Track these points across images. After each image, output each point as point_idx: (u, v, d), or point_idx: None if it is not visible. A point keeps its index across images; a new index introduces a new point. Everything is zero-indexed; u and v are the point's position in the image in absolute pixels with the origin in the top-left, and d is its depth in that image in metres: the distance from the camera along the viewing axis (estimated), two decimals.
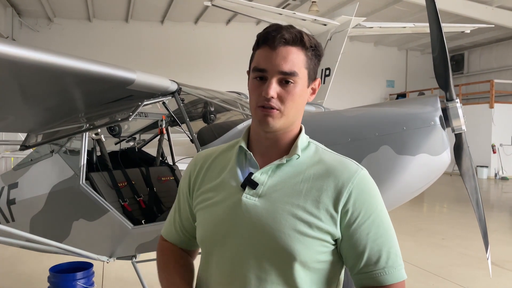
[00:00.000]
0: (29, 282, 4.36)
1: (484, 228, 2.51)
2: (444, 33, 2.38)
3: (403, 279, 1.14)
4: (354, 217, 1.12)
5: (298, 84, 1.12)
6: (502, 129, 15.30)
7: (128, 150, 3.69)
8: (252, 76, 1.16)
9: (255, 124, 1.19)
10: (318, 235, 1.10)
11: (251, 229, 1.12)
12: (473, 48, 19.47)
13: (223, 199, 1.18)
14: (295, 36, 1.12)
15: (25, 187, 3.27)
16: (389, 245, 1.14)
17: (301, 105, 1.17)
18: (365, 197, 1.14)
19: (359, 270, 1.13)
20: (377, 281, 1.12)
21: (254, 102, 1.15)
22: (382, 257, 1.12)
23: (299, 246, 1.09)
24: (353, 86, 18.70)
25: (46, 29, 15.75)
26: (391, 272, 1.12)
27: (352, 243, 1.12)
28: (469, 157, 2.45)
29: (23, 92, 2.39)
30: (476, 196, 2.47)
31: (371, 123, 2.40)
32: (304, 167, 1.17)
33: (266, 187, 1.15)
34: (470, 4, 13.75)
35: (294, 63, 1.11)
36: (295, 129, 1.21)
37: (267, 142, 1.19)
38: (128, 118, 2.54)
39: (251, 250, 1.12)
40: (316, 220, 1.10)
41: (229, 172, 1.21)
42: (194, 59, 16.85)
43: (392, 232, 1.16)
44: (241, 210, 1.14)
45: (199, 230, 1.23)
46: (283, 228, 1.09)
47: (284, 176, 1.16)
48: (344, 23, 8.07)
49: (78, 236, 2.98)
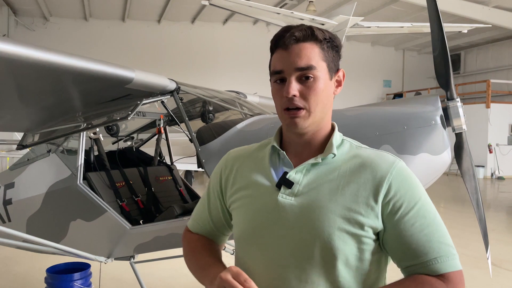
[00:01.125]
0: (26, 283, 4.33)
1: (484, 228, 2.50)
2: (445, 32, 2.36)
3: (459, 269, 1.08)
4: (396, 208, 1.08)
5: (319, 78, 1.10)
6: (499, 129, 15.36)
7: (126, 150, 3.67)
8: (272, 81, 1.15)
9: (285, 128, 1.19)
10: (359, 231, 1.07)
11: (290, 229, 1.10)
12: (470, 48, 19.53)
13: (259, 199, 1.16)
14: (306, 32, 1.10)
15: (21, 187, 3.24)
16: (438, 235, 1.08)
17: (327, 99, 1.13)
18: (406, 187, 1.10)
19: (408, 262, 1.09)
20: (430, 270, 1.06)
21: (279, 106, 1.14)
22: (432, 247, 1.07)
23: (340, 244, 1.06)
24: (350, 86, 18.68)
25: (42, 28, 15.66)
26: (444, 261, 1.07)
27: (396, 235, 1.08)
28: (470, 157, 2.44)
29: (20, 91, 2.37)
30: (477, 196, 2.45)
31: (372, 122, 2.38)
32: (339, 163, 1.14)
33: (302, 186, 1.12)
34: (467, 4, 13.77)
35: (309, 58, 1.09)
36: (326, 127, 1.18)
37: (300, 141, 1.17)
38: (127, 117, 2.51)
39: (290, 251, 1.10)
40: (356, 215, 1.07)
41: (263, 172, 1.19)
42: (191, 59, 16.81)
43: (440, 221, 1.11)
44: (277, 210, 1.12)
45: (235, 229, 1.22)
46: (323, 226, 1.07)
47: (319, 174, 1.13)
48: (342, 22, 8.07)
49: (75, 237, 2.95)
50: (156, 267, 4.66)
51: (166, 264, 4.71)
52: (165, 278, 4.46)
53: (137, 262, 3.07)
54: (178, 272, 4.54)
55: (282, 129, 1.24)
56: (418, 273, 1.08)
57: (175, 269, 4.58)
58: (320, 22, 8.23)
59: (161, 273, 4.56)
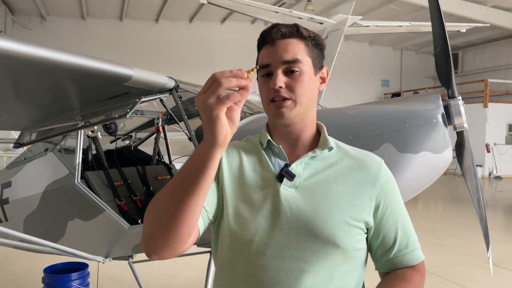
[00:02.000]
0: (23, 283, 4.30)
1: (485, 227, 2.48)
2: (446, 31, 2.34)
3: (424, 258, 1.24)
4: (386, 205, 1.18)
5: (304, 72, 1.14)
6: (496, 128, 15.41)
7: (124, 149, 3.64)
8: (259, 76, 1.18)
9: (271, 120, 1.21)
10: (357, 224, 1.14)
11: (293, 220, 1.12)
12: (467, 47, 19.58)
13: (259, 191, 1.16)
14: (292, 29, 1.15)
15: (18, 186, 3.21)
16: (411, 228, 1.23)
17: (311, 93, 1.17)
18: (392, 185, 1.22)
19: (393, 254, 1.20)
20: (408, 262, 1.20)
21: (265, 98, 1.16)
22: (410, 239, 1.21)
23: (342, 234, 1.11)
24: (348, 85, 18.72)
25: (39, 27, 15.61)
26: (418, 253, 1.22)
27: (386, 230, 1.18)
28: (471, 155, 2.42)
29: (17, 88, 2.33)
30: (478, 195, 2.43)
31: (373, 120, 2.36)
32: (333, 159, 1.20)
33: (303, 179, 1.16)
34: (465, 3, 13.80)
35: (295, 52, 1.13)
36: (313, 124, 1.23)
37: (290, 137, 1.21)
38: (126, 115, 2.49)
39: (294, 242, 1.11)
40: (355, 208, 1.14)
41: (260, 165, 1.20)
42: (189, 58, 16.79)
43: (407, 214, 1.25)
44: (280, 202, 1.13)
45: (230, 221, 1.15)
46: (325, 217, 1.11)
47: (318, 168, 1.18)
48: (341, 21, 8.05)
49: (73, 236, 2.92)
50: (154, 267, 4.64)
51: (164, 263, 4.70)
52: (163, 278, 4.44)
53: (135, 262, 3.04)
54: (177, 271, 4.52)
55: (268, 126, 1.25)
56: (398, 263, 1.20)
57: (174, 268, 4.56)
58: (319, 21, 8.22)
59: (159, 273, 4.54)
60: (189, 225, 1.00)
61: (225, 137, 0.93)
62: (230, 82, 0.89)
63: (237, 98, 0.90)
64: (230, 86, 0.89)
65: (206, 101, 0.89)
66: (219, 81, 0.89)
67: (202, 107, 0.91)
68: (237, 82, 0.90)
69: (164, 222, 0.99)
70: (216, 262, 1.24)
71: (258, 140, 1.26)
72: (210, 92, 0.89)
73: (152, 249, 1.03)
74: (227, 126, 0.92)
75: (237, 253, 1.16)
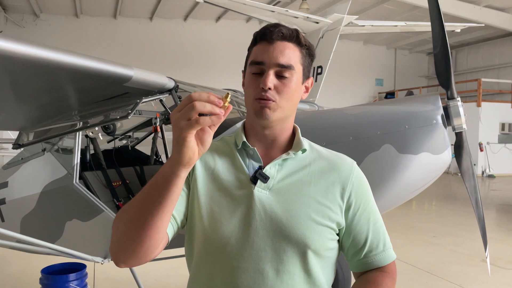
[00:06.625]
0: (20, 284, 4.27)
1: (483, 227, 2.51)
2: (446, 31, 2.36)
3: (395, 258, 1.27)
4: (358, 205, 1.20)
5: (294, 79, 1.15)
6: (489, 128, 15.51)
7: (122, 149, 3.63)
8: (248, 71, 1.17)
9: (251, 118, 1.20)
10: (329, 224, 1.16)
11: (267, 222, 1.13)
12: (461, 47, 19.68)
13: (233, 193, 1.16)
14: (292, 33, 1.16)
15: (15, 186, 3.18)
16: (383, 228, 1.25)
17: (295, 100, 1.19)
18: (363, 186, 1.24)
19: (364, 255, 1.22)
20: (380, 262, 1.22)
21: (251, 95, 1.15)
22: (381, 239, 1.23)
23: (314, 235, 1.13)
24: (342, 85, 18.76)
25: (32, 25, 15.46)
26: (389, 253, 1.24)
27: (357, 230, 1.20)
28: (470, 156, 2.45)
29: (15, 88, 2.31)
30: (476, 195, 2.46)
31: (373, 121, 2.38)
32: (307, 161, 1.22)
33: (276, 180, 1.17)
34: (458, 3, 13.87)
35: (290, 57, 1.14)
36: (290, 127, 1.24)
37: (266, 139, 1.21)
38: (127, 116, 2.48)
39: (269, 243, 1.13)
40: (327, 209, 1.16)
41: (235, 166, 1.20)
42: (183, 57, 16.72)
43: (380, 215, 1.28)
44: (254, 204, 1.14)
45: (204, 225, 1.14)
46: (299, 218, 1.13)
47: (291, 169, 1.19)
48: (337, 21, 8.07)
49: (71, 237, 2.91)
50: (152, 267, 4.63)
51: (162, 264, 4.68)
52: (160, 278, 4.43)
53: None
54: (174, 271, 4.51)
55: (244, 127, 1.25)
56: (370, 264, 1.22)
57: (171, 268, 4.55)
58: (315, 20, 8.23)
59: (156, 273, 4.53)
60: (156, 239, 1.03)
61: (190, 158, 0.94)
62: (204, 107, 0.89)
63: (208, 123, 0.90)
64: (203, 111, 0.89)
65: (178, 121, 0.90)
66: (193, 104, 0.89)
67: (173, 126, 0.92)
68: (211, 109, 0.90)
69: (131, 236, 1.02)
70: (190, 267, 1.23)
71: (233, 141, 1.25)
72: (183, 113, 0.90)
73: (120, 259, 1.07)
74: (194, 148, 0.93)
75: (213, 256, 1.16)
